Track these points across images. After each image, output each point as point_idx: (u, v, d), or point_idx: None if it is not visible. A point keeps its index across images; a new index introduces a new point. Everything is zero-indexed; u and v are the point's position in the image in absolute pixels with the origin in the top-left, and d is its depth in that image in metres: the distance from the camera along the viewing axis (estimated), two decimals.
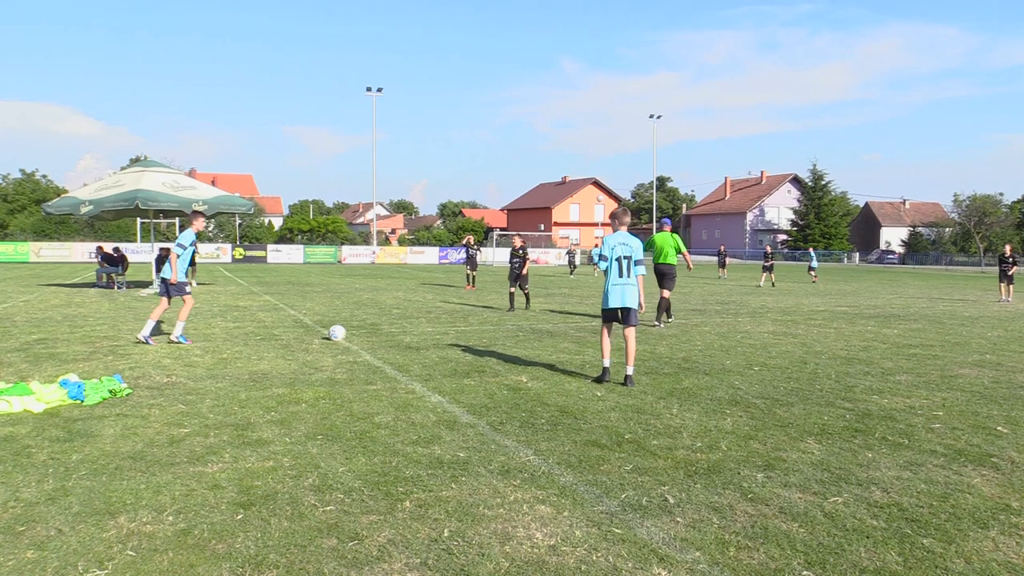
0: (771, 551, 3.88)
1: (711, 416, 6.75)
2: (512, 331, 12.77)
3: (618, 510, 4.41)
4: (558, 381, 8.28)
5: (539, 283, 28.77)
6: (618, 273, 8.12)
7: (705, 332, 13.15)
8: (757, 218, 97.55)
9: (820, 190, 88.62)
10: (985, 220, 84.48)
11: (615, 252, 8.12)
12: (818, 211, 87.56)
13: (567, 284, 29.29)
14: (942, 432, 6.35)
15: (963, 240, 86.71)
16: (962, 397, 7.86)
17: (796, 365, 9.70)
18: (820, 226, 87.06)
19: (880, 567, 3.71)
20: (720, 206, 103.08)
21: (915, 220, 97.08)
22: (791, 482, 4.96)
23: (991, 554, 3.89)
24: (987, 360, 10.52)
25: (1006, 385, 8.61)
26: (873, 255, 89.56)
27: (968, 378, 9.03)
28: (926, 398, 7.77)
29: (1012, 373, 9.46)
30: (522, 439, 5.88)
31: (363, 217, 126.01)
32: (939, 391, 8.17)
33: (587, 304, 18.79)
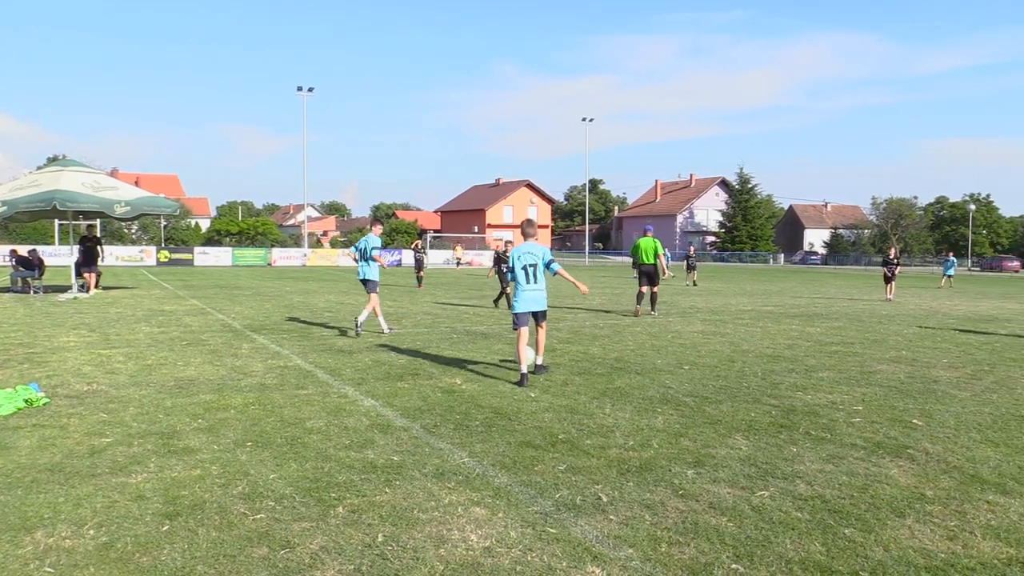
0: (701, 546, 3.96)
1: (643, 415, 6.86)
2: (446, 333, 12.73)
3: (552, 510, 4.44)
4: (492, 383, 8.29)
5: (473, 284, 28.79)
6: (526, 280, 8.53)
7: (637, 332, 13.36)
8: (687, 220, 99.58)
9: (747, 193, 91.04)
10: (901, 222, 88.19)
11: (521, 261, 8.55)
12: (745, 213, 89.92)
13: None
14: (862, 426, 6.60)
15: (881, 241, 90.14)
16: (880, 392, 8.18)
17: (724, 363, 9.94)
18: (747, 228, 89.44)
19: (805, 558, 3.83)
20: (651, 208, 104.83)
21: (836, 222, 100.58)
22: (720, 477, 5.08)
23: (907, 541, 4.06)
24: (903, 356, 10.97)
25: (920, 380, 8.99)
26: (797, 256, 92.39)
27: (886, 374, 9.40)
28: (847, 393, 8.06)
29: (926, 368, 9.89)
30: (456, 441, 5.87)
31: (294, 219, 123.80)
32: (859, 386, 8.48)
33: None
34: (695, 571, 3.67)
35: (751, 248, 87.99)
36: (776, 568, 3.72)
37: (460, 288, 26.33)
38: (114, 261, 45.60)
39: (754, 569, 3.71)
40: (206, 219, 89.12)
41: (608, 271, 47.14)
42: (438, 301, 20.02)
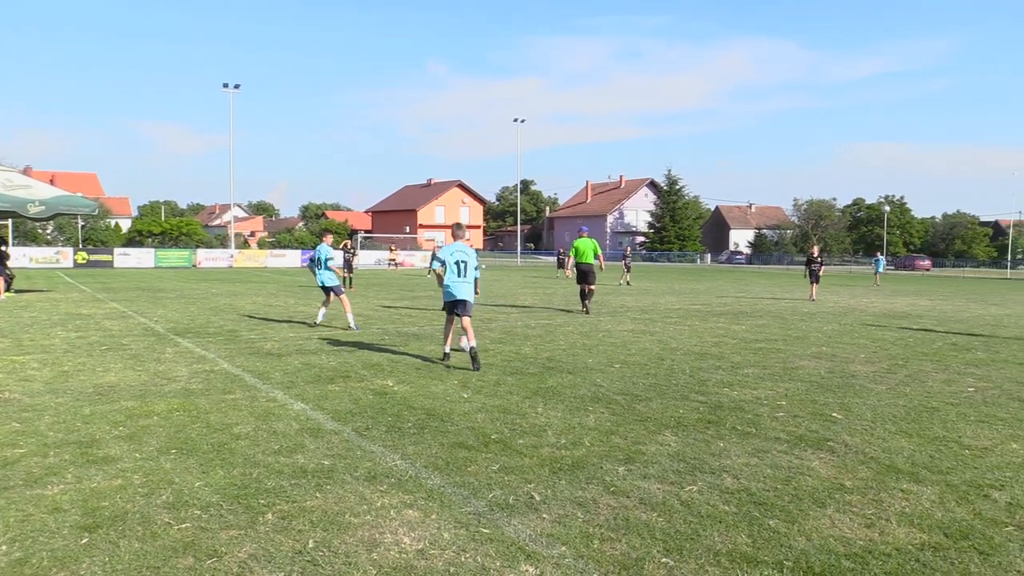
0: (632, 541, 4.03)
1: (575, 413, 6.93)
2: (378, 334, 12.61)
3: (486, 510, 4.45)
4: (425, 384, 8.25)
5: (406, 285, 28.58)
6: (456, 274, 9.59)
7: (569, 332, 13.48)
8: (617, 220, 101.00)
9: (675, 194, 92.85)
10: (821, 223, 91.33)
11: (453, 257, 9.59)
12: (673, 214, 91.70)
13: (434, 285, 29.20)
14: (785, 420, 6.81)
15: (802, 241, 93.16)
16: (802, 387, 8.46)
17: (654, 361, 10.12)
18: (675, 228, 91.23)
19: (732, 549, 3.94)
20: (582, 209, 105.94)
21: (760, 223, 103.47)
22: (650, 474, 5.17)
23: (828, 530, 4.21)
24: (823, 352, 11.37)
25: (840, 375, 9.33)
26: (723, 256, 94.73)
27: (807, 369, 9.73)
28: (771, 389, 8.31)
29: (845, 363, 10.26)
30: (388, 444, 5.82)
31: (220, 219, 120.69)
32: (782, 382, 8.75)
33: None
34: (626, 566, 3.73)
35: (679, 248, 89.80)
36: (705, 560, 3.81)
37: (392, 289, 26.11)
38: (27, 263, 43.64)
39: (683, 562, 3.79)
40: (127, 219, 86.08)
41: (540, 271, 47.44)
42: (370, 302, 19.81)
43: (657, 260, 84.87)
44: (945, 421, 6.89)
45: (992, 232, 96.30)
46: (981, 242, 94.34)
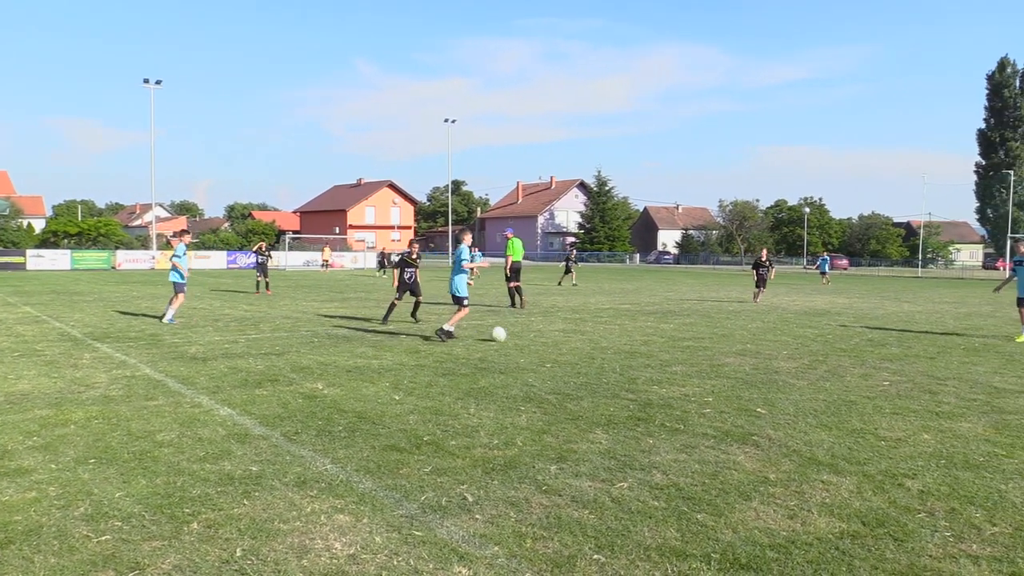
0: (564, 539, 4.07)
1: (507, 413, 6.96)
2: (307, 337, 12.40)
3: (418, 512, 4.42)
4: (356, 386, 8.16)
5: (335, 287, 28.18)
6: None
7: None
8: (548, 221, 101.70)
9: (604, 195, 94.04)
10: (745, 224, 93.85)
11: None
12: (603, 215, 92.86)
13: (369, 287, 28.86)
14: (712, 416, 6.98)
15: (727, 241, 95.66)
16: (728, 383, 8.68)
17: (585, 361, 10.23)
18: (605, 229, 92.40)
19: (662, 544, 4.01)
20: (513, 209, 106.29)
21: (687, 223, 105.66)
22: (582, 472, 5.23)
23: (753, 522, 4.33)
24: (748, 349, 11.69)
25: (764, 371, 9.61)
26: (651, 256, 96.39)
27: (733, 366, 9.99)
28: (698, 386, 8.50)
29: (769, 360, 10.58)
30: (319, 448, 5.73)
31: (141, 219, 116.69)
32: (709, 379, 8.96)
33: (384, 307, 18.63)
34: (559, 564, 3.76)
35: (609, 248, 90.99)
36: (635, 556, 3.87)
37: (321, 291, 25.70)
38: None
39: (615, 558, 3.84)
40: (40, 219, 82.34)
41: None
42: (299, 304, 19.45)
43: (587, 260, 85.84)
44: (862, 414, 7.17)
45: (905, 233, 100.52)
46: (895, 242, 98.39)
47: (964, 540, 4.14)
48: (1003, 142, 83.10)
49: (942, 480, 5.16)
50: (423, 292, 15.14)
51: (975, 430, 6.61)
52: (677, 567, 3.75)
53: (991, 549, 4.02)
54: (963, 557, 3.91)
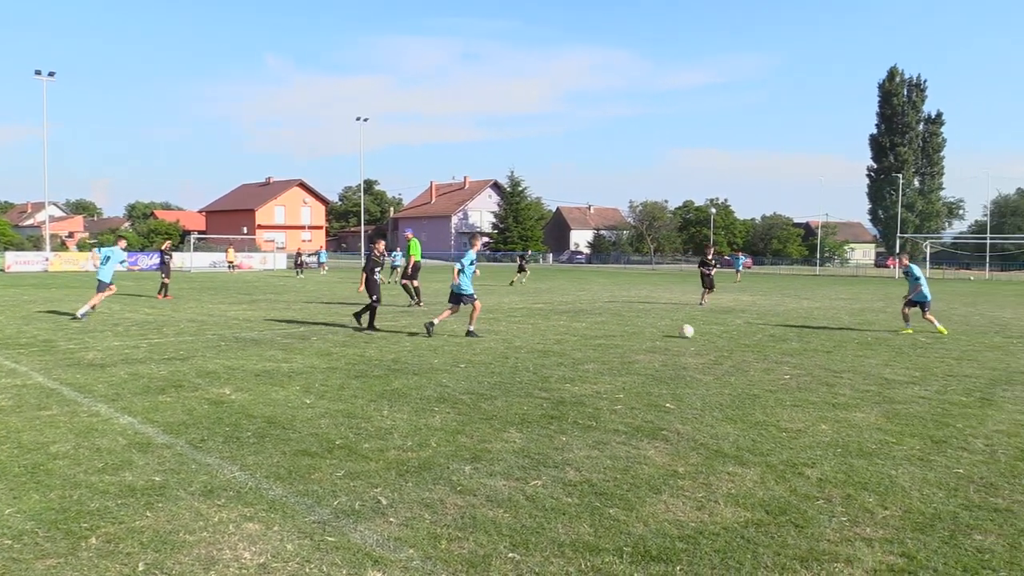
0: (480, 539, 4.07)
1: (421, 415, 6.92)
2: (213, 341, 12.01)
3: (331, 518, 4.35)
4: (265, 391, 7.95)
5: (243, 289, 27.39)
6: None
7: (414, 334, 13.42)
8: (461, 221, 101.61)
9: (517, 195, 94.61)
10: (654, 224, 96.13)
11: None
12: (516, 215, 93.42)
13: (279, 288, 28.15)
14: (623, 412, 7.12)
15: (638, 241, 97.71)
16: (638, 380, 8.88)
17: (498, 360, 10.28)
18: (518, 229, 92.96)
19: (575, 539, 4.07)
20: (426, 209, 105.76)
21: (599, 224, 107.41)
22: (496, 471, 5.25)
23: (664, 515, 4.44)
24: (657, 347, 11.98)
25: (672, 367, 9.87)
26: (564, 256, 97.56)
27: (643, 363, 10.22)
28: (609, 383, 8.66)
29: (677, 357, 10.87)
30: (226, 455, 5.57)
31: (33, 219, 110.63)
32: (620, 376, 9.14)
33: (295, 309, 18.26)
34: (474, 564, 3.77)
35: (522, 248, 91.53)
36: (550, 552, 3.91)
37: (229, 293, 24.93)
38: None
39: (530, 555, 3.87)
40: None
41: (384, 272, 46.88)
42: (205, 307, 18.82)
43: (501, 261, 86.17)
44: (765, 407, 7.46)
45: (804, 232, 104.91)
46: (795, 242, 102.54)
47: (859, 524, 4.35)
48: (893, 147, 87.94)
49: (838, 468, 5.42)
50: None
51: (868, 420, 6.97)
52: (590, 562, 3.81)
53: (883, 532, 4.25)
54: (858, 540, 4.12)
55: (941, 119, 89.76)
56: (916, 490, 4.96)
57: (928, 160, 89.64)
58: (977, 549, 4.02)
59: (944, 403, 7.80)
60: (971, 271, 67.91)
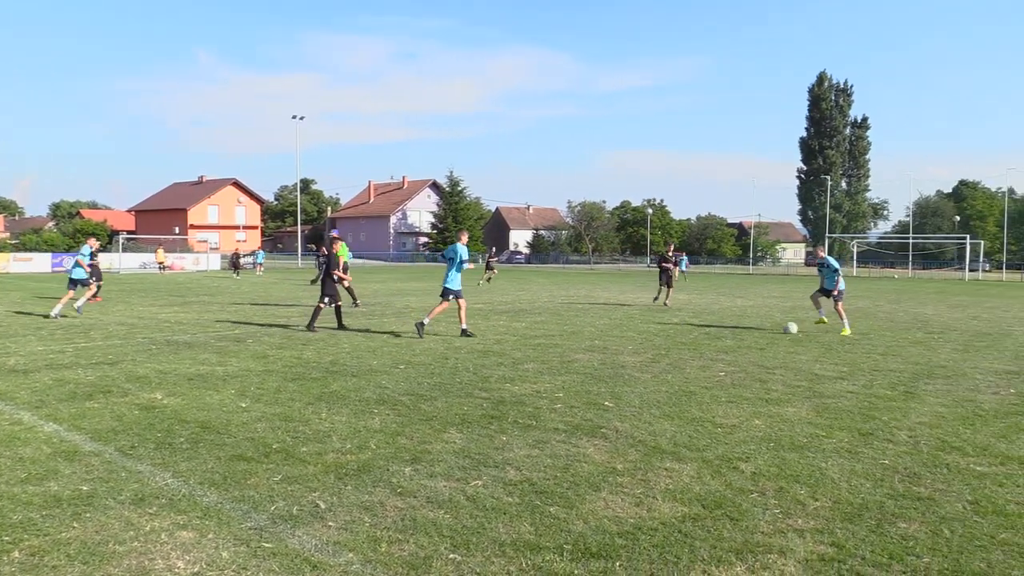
0: (420, 540, 4.05)
1: (360, 417, 6.85)
2: (143, 344, 11.66)
3: (268, 523, 4.27)
4: (199, 395, 7.76)
5: (175, 291, 26.64)
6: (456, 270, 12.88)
7: (352, 334, 13.28)
8: (400, 221, 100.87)
9: (457, 195, 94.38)
10: (592, 224, 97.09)
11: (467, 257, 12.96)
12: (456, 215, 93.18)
13: (213, 290, 27.47)
14: (562, 411, 7.18)
15: (576, 241, 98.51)
16: (578, 379, 8.95)
17: (438, 361, 10.24)
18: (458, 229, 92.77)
19: (516, 539, 4.09)
20: (364, 209, 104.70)
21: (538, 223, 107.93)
22: (436, 472, 5.24)
23: (603, 512, 4.50)
24: (596, 345, 12.11)
25: (611, 366, 9.99)
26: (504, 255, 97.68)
27: (582, 362, 10.31)
28: (549, 382, 8.71)
29: (615, 355, 11.00)
30: (158, 462, 5.41)
31: None
32: (559, 375, 9.21)
33: (229, 311, 17.86)
34: (415, 566, 3.75)
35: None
36: (491, 552, 3.92)
37: (160, 295, 24.23)
38: None
39: (471, 556, 3.87)
40: None
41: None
42: (135, 310, 18.25)
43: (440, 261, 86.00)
44: (701, 403, 7.61)
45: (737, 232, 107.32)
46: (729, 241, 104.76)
47: (791, 516, 4.48)
48: (821, 150, 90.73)
49: (771, 462, 5.57)
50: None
51: (799, 414, 7.18)
52: (531, 560, 3.83)
53: (814, 522, 4.38)
54: (791, 532, 4.24)
55: (867, 123, 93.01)
56: (845, 481, 5.13)
57: (855, 162, 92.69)
58: (902, 536, 4.18)
59: (871, 397, 8.08)
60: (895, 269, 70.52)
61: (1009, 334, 14.88)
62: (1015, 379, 9.39)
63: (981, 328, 16.05)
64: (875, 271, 68.35)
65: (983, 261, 68.82)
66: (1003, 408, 7.61)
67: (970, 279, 52.37)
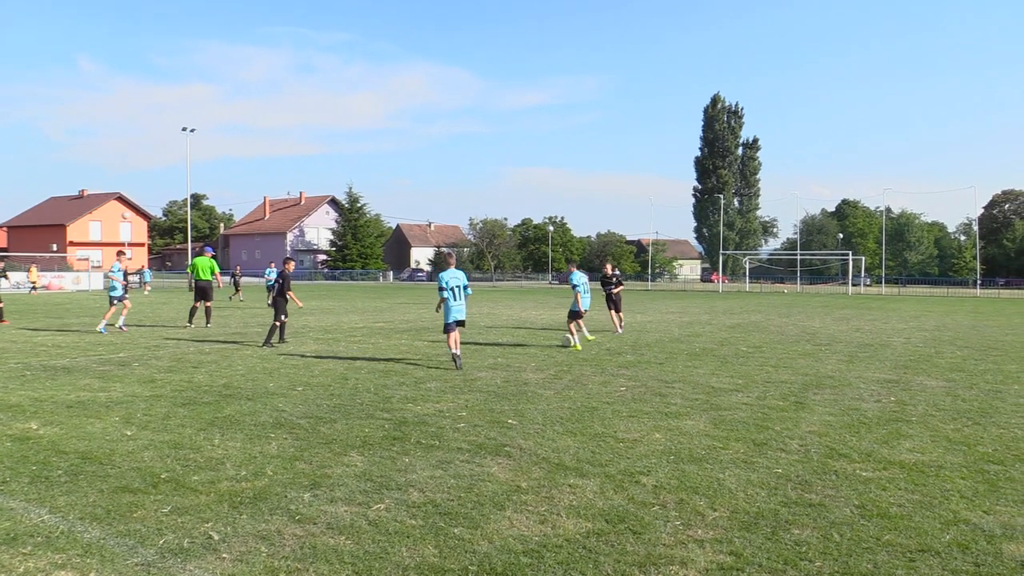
0: (320, 569, 3.91)
1: (255, 442, 6.59)
2: (16, 370, 10.89)
3: (156, 558, 4.03)
4: (79, 423, 7.29)
5: (53, 312, 25.10)
6: (454, 298, 11.51)
7: (246, 356, 12.83)
8: (297, 238, 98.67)
9: (356, 212, 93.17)
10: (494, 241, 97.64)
11: (450, 283, 11.52)
12: (355, 232, 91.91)
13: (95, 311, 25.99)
14: (466, 430, 7.12)
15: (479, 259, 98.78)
16: (481, 397, 8.91)
17: (338, 382, 10.00)
18: (358, 246, 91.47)
19: (420, 562, 4.00)
20: (260, 226, 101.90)
21: (440, 241, 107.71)
22: (337, 497, 5.08)
23: (508, 531, 4.46)
24: (499, 363, 12.11)
25: (514, 383, 10.00)
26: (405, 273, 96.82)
27: (485, 380, 10.28)
28: (452, 401, 8.63)
29: (519, 372, 11.03)
30: (33, 497, 5.04)
31: None
32: (462, 394, 9.14)
33: (114, 333, 16.94)
34: None
35: (362, 266, 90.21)
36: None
37: (36, 316, 22.76)
38: None
39: None
40: None
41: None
42: (4, 333, 17.06)
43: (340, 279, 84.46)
44: (603, 419, 7.70)
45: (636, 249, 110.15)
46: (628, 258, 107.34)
47: (692, 527, 4.57)
48: (715, 169, 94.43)
49: (672, 474, 5.68)
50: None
51: (698, 427, 7.36)
52: None
53: (713, 532, 4.47)
54: (691, 542, 4.31)
55: (757, 144, 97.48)
56: (742, 491, 5.28)
57: (746, 182, 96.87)
58: (795, 543, 4.33)
59: (764, 408, 8.39)
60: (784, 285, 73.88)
61: (889, 345, 15.78)
62: (895, 387, 9.95)
63: (864, 339, 16.98)
64: (766, 286, 71.49)
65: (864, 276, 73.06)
66: (885, 415, 8.04)
67: (853, 293, 55.41)
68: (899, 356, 13.68)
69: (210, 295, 19.02)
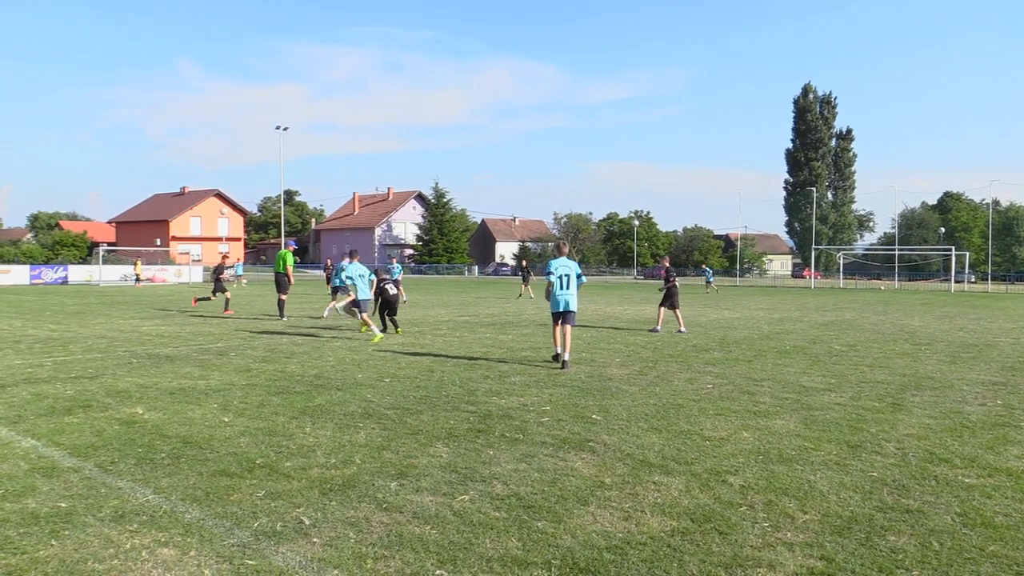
0: (406, 556, 3.99)
1: (345, 431, 6.77)
2: (124, 358, 11.52)
3: (251, 540, 4.19)
4: (180, 409, 7.65)
5: (156, 303, 26.42)
6: (561, 286, 11.08)
7: (337, 347, 13.19)
8: (385, 233, 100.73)
9: (442, 207, 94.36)
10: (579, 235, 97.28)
11: (559, 271, 11.12)
12: (441, 227, 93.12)
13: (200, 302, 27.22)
14: (550, 424, 7.13)
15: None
16: (565, 392, 8.91)
17: (424, 374, 10.17)
18: (443, 241, 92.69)
19: (504, 554, 4.03)
20: (349, 221, 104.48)
21: (524, 235, 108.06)
22: (423, 487, 5.17)
23: (591, 526, 4.44)
24: (583, 358, 12.07)
25: (599, 379, 9.95)
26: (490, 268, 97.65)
27: (569, 374, 10.26)
28: (536, 395, 8.66)
29: (603, 368, 10.97)
30: (139, 478, 5.32)
31: None
32: (547, 388, 9.16)
33: (212, 324, 17.70)
34: None
35: (448, 260, 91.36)
36: (478, 568, 3.86)
37: (141, 307, 24.02)
38: None
39: (458, 572, 3.81)
40: None
41: (306, 285, 45.90)
42: (115, 323, 18.05)
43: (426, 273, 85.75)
44: (689, 416, 7.58)
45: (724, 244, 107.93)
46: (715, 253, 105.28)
47: (780, 529, 4.45)
48: (807, 162, 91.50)
49: (760, 474, 5.54)
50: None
51: (787, 427, 7.16)
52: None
53: (803, 536, 4.34)
54: (780, 545, 4.20)
55: (851, 135, 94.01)
56: (834, 494, 5.11)
57: (840, 174, 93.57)
58: (891, 550, 4.16)
59: (858, 409, 8.09)
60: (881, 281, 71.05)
61: (995, 345, 14.98)
62: (1001, 390, 9.43)
63: (967, 339, 16.16)
64: (861, 283, 68.82)
65: (968, 272, 69.50)
66: (990, 419, 7.63)
67: (956, 290, 52.83)
68: (1006, 357, 12.96)
69: (284, 287, 18.81)
